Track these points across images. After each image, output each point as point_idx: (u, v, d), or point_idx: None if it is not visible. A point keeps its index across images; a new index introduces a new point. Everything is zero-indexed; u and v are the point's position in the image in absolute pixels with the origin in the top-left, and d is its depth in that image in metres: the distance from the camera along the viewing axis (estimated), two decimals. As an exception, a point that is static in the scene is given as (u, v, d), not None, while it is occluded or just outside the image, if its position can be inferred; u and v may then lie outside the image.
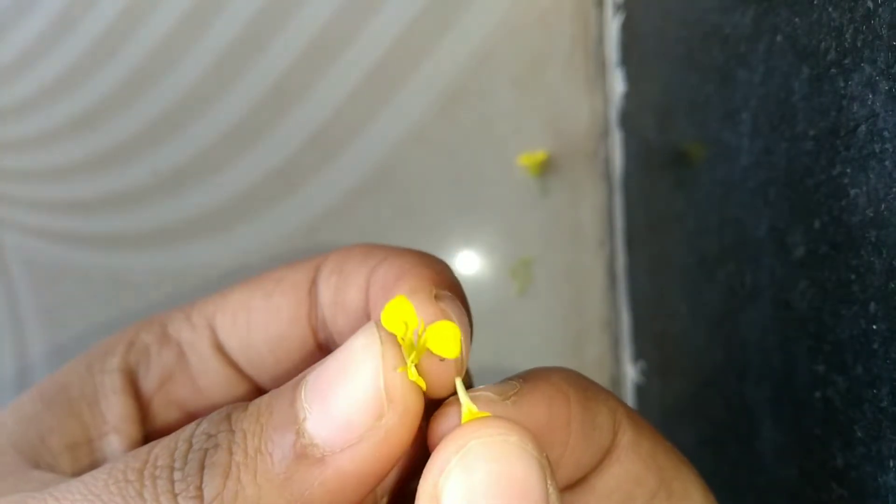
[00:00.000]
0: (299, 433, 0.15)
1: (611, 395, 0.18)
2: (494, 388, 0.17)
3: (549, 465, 0.15)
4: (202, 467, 0.15)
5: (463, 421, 0.15)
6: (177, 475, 0.15)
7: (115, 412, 0.21)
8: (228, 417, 0.16)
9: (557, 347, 0.39)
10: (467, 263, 0.38)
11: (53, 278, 0.39)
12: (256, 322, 0.22)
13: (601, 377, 0.39)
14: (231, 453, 0.15)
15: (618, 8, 0.36)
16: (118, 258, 0.39)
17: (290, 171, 0.38)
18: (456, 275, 0.19)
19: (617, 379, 0.39)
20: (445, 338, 0.16)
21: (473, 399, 0.16)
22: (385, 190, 0.38)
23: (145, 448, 0.16)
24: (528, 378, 0.17)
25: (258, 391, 0.23)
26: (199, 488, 0.15)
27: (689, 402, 0.32)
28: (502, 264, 0.38)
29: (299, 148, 0.38)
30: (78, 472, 0.20)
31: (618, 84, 0.36)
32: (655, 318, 0.35)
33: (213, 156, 0.38)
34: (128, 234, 0.39)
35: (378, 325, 0.16)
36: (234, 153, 0.38)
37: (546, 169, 0.38)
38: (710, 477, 0.19)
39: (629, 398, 0.39)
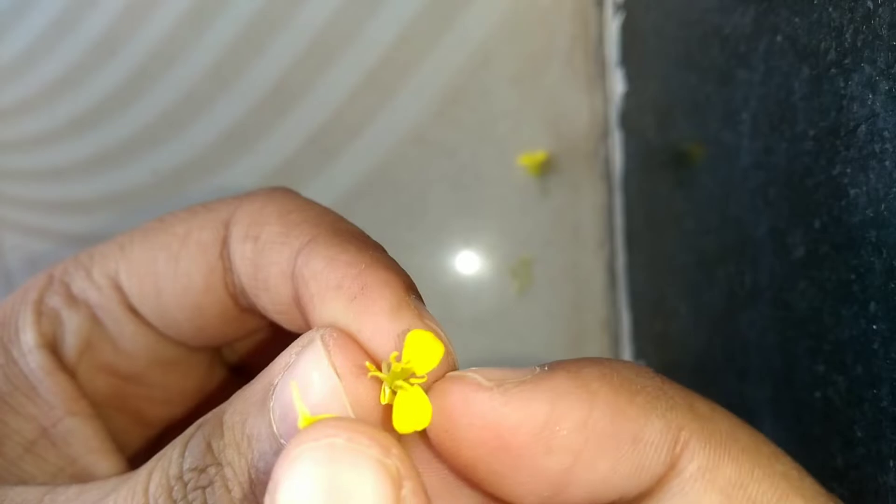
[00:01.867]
0: None
1: (682, 406, 0.15)
2: (490, 371, 0.15)
3: (405, 469, 0.13)
4: None
5: (300, 426, 0.14)
6: None
7: (58, 393, 0.19)
8: (210, 448, 0.16)
9: (557, 347, 0.39)
10: (467, 263, 0.38)
11: (53, 278, 0.39)
12: (166, 290, 0.19)
13: (601, 377, 0.39)
14: (229, 490, 0.15)
15: (618, 8, 0.36)
16: (118, 258, 0.39)
17: (290, 171, 0.38)
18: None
19: (617, 379, 0.39)
20: (427, 352, 0.15)
21: (455, 378, 0.15)
22: (385, 190, 0.38)
23: (139, 488, 0.16)
24: (557, 367, 0.15)
25: (185, 350, 0.21)
26: None
27: (689, 402, 0.32)
28: (502, 264, 0.38)
29: (299, 148, 0.38)
30: (46, 473, 0.19)
31: (618, 84, 0.36)
32: (655, 318, 0.35)
33: (213, 156, 0.38)
34: (128, 234, 0.39)
35: (328, 351, 0.15)
36: (234, 153, 0.38)
37: (546, 169, 0.38)
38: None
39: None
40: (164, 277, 0.19)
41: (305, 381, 0.15)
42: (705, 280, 0.28)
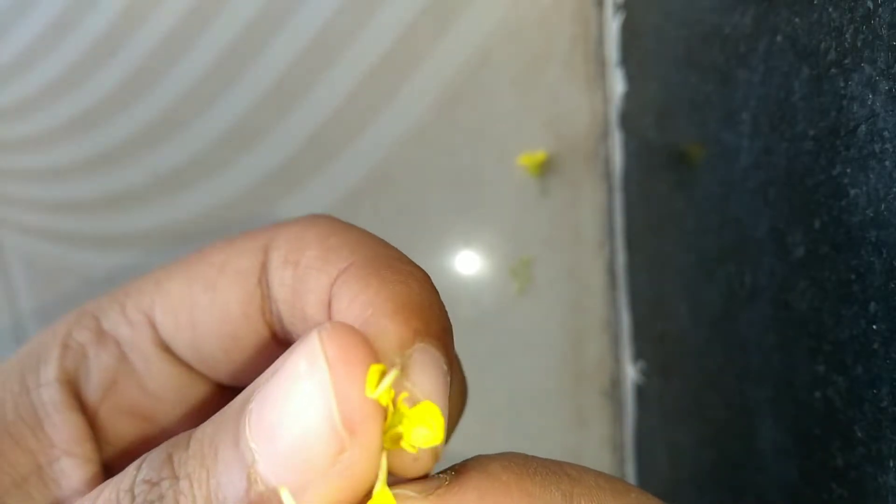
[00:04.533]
0: (251, 479, 0.13)
1: (565, 475, 0.16)
2: (416, 485, 0.15)
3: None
4: None
5: None
6: None
7: (62, 432, 0.18)
8: (170, 459, 0.14)
9: (557, 347, 0.39)
10: (467, 263, 0.38)
11: (53, 278, 0.39)
12: (202, 321, 0.19)
13: (601, 377, 0.39)
14: None
15: (618, 8, 0.36)
16: (118, 258, 0.39)
17: (290, 171, 0.38)
18: (438, 297, 0.16)
19: (617, 379, 0.39)
20: (426, 423, 0.14)
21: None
22: (385, 190, 0.38)
23: (86, 502, 0.15)
24: (462, 470, 0.15)
25: (217, 388, 0.20)
26: None
27: (689, 402, 0.32)
28: (502, 264, 0.38)
29: (299, 148, 0.38)
30: None
31: (618, 84, 0.36)
32: (655, 318, 0.35)
33: (213, 156, 0.38)
34: (128, 234, 0.39)
35: (323, 339, 0.14)
36: (234, 153, 0.38)
37: (546, 169, 0.38)
38: (710, 477, 0.19)
39: (629, 398, 0.39)
40: (200, 308, 0.19)
41: (295, 372, 0.14)
42: (705, 280, 0.28)
